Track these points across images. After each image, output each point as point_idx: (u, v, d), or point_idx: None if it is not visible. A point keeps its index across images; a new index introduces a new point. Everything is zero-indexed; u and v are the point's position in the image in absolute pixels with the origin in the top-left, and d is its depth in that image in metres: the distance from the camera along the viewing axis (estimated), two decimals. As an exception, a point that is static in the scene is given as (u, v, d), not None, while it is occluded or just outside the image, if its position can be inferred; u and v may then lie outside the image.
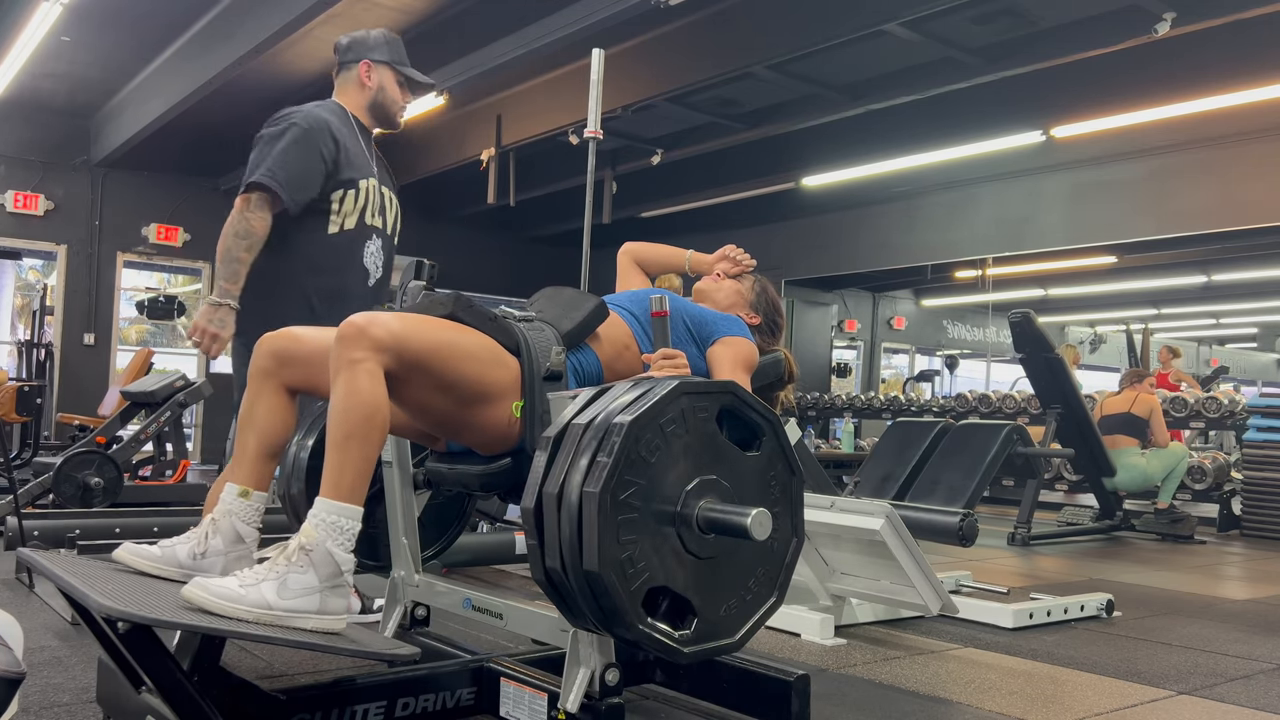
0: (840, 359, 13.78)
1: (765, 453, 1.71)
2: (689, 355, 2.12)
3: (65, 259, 9.44)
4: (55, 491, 4.91)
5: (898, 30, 6.00)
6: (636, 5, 5.27)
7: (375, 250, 2.86)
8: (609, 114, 6.31)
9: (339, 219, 2.76)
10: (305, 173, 2.67)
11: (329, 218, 2.75)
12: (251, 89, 7.92)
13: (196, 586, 1.55)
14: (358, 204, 2.78)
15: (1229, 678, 2.83)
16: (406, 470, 2.21)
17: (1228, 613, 3.90)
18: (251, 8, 6.35)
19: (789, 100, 7.61)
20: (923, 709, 2.43)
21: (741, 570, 1.66)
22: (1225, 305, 15.50)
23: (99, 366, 9.53)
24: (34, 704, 2.14)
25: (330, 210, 2.75)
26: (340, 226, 2.76)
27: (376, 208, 2.84)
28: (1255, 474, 6.73)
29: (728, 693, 2.06)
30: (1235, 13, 5.40)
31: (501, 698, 1.92)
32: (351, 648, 1.58)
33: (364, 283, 2.83)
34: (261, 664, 2.56)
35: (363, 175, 2.80)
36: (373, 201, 2.82)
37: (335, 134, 2.74)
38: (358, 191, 2.77)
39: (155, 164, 9.47)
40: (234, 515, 1.84)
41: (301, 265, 2.73)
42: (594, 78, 3.65)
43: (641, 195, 10.03)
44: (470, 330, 1.88)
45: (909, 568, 2.97)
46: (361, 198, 2.79)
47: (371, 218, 2.83)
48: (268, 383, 1.92)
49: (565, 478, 1.55)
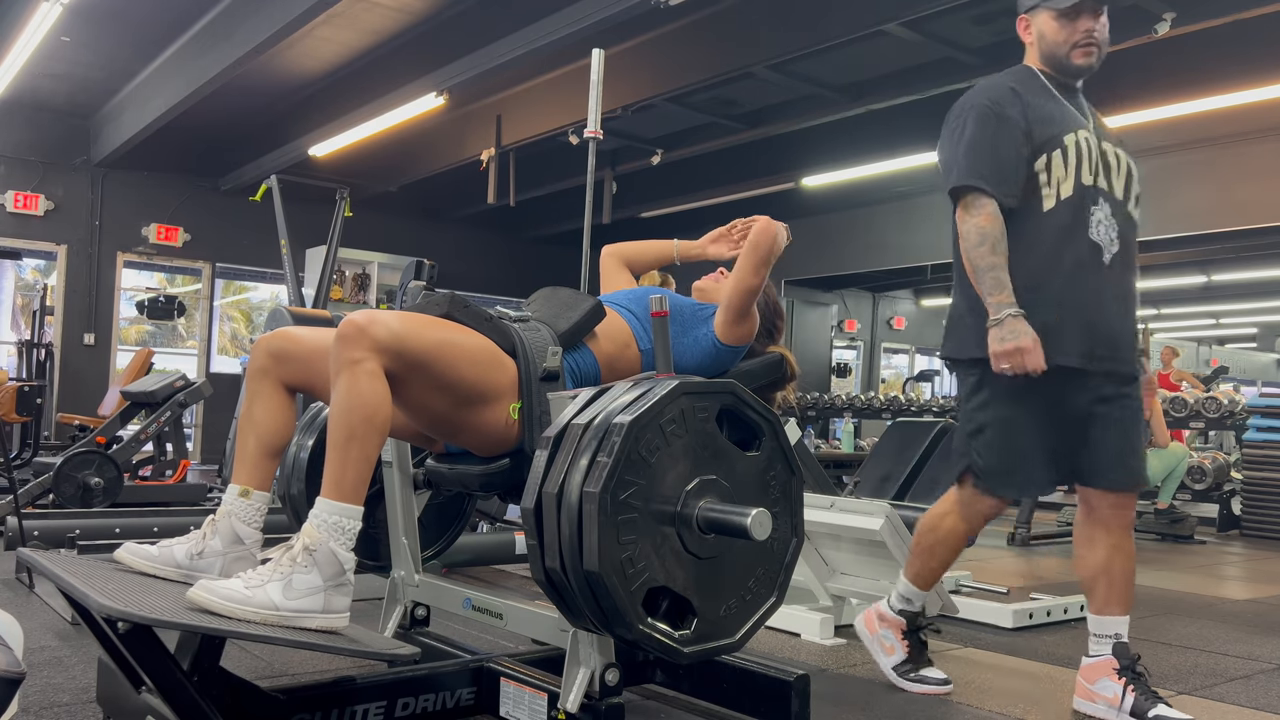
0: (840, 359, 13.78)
1: (765, 453, 1.71)
2: (683, 346, 2.12)
3: (65, 259, 9.44)
4: (55, 491, 4.91)
5: (898, 30, 6.00)
6: (636, 5, 5.27)
7: (1104, 218, 2.32)
8: (609, 114, 6.32)
9: (1052, 189, 2.30)
10: (997, 151, 2.28)
11: (1041, 192, 2.30)
12: (251, 89, 7.94)
13: (202, 589, 1.55)
14: (1069, 164, 2.29)
15: (1229, 678, 2.83)
16: (406, 470, 2.22)
17: (1228, 613, 3.90)
18: (251, 8, 6.35)
19: (789, 100, 7.61)
20: (923, 709, 2.43)
21: (741, 570, 1.66)
22: (1225, 305, 15.51)
23: (99, 366, 9.53)
24: (34, 704, 2.14)
25: (1040, 183, 2.30)
26: (1056, 198, 2.30)
27: (1097, 166, 2.33)
28: (1255, 474, 6.73)
29: (728, 693, 2.06)
30: (1235, 13, 5.40)
31: (501, 698, 1.92)
32: (352, 648, 1.58)
33: (1096, 259, 2.30)
34: (261, 664, 2.56)
35: (1067, 130, 2.31)
36: (1089, 159, 2.31)
37: (1020, 95, 2.31)
38: (1064, 150, 2.30)
39: (155, 164, 9.48)
40: (233, 515, 1.84)
41: (1023, 257, 2.29)
42: (594, 78, 3.65)
43: (641, 195, 10.04)
44: (469, 331, 1.88)
45: (909, 568, 2.96)
46: (1073, 155, 2.30)
47: (1091, 177, 2.31)
48: (266, 381, 1.93)
49: (565, 478, 1.55)
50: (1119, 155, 2.38)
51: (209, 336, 10.36)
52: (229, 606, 1.53)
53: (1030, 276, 2.27)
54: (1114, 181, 2.35)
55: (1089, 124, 2.37)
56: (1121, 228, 2.34)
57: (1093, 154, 2.32)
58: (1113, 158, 2.36)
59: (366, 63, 7.58)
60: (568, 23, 5.69)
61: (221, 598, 1.53)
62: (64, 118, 9.24)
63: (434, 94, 6.99)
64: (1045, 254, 2.28)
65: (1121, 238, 2.33)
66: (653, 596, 1.57)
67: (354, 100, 7.73)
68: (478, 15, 6.52)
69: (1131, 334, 2.37)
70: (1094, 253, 2.30)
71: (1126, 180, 2.38)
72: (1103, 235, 2.30)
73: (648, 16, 5.65)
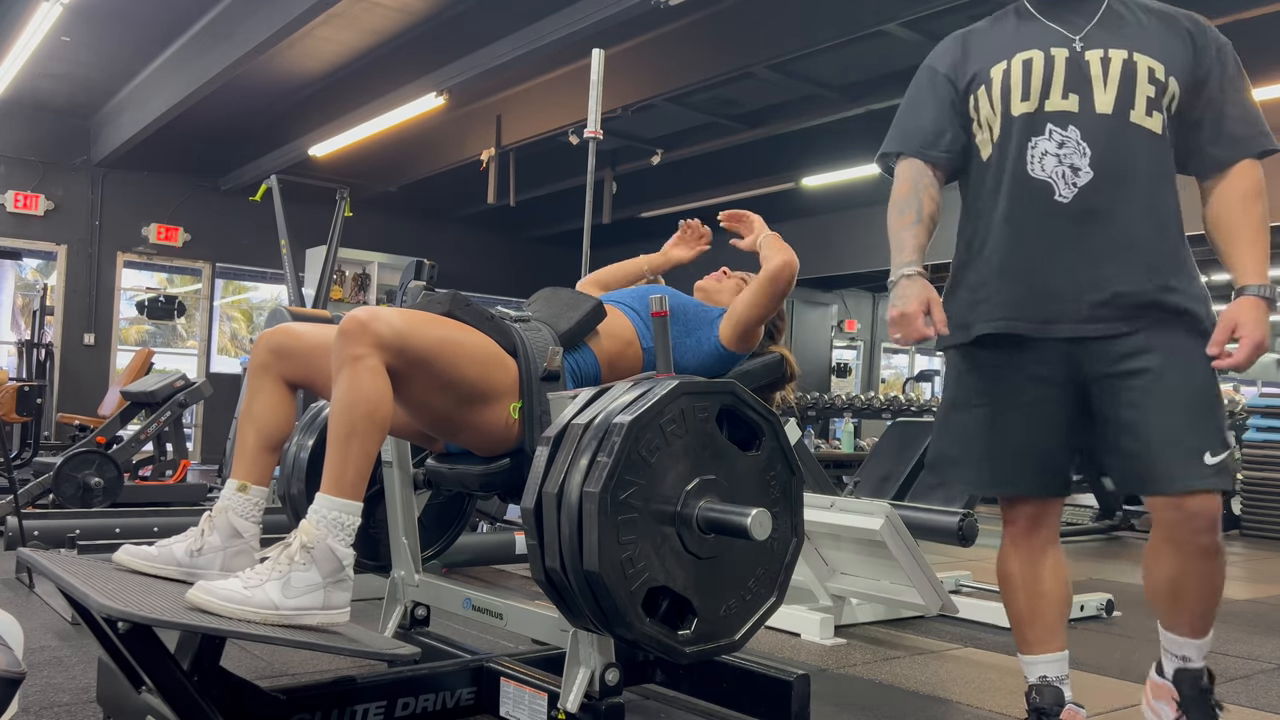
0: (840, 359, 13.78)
1: (765, 453, 1.71)
2: (685, 347, 2.13)
3: (65, 259, 9.44)
4: (55, 491, 4.91)
5: (898, 30, 6.00)
6: (636, 5, 5.27)
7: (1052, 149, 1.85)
8: (609, 114, 6.31)
9: (985, 133, 1.93)
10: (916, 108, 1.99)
11: (976, 140, 1.95)
12: (251, 89, 7.93)
13: (201, 590, 1.55)
14: (995, 99, 1.89)
15: (1229, 678, 2.83)
16: (406, 470, 2.22)
17: (1228, 613, 3.90)
18: (251, 8, 6.35)
19: (789, 100, 7.61)
20: (923, 709, 2.43)
21: (741, 570, 1.66)
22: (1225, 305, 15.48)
23: (99, 366, 9.53)
24: (34, 704, 2.14)
25: (974, 130, 1.95)
26: (991, 142, 1.91)
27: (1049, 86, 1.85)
28: (1255, 474, 6.73)
29: (728, 693, 2.06)
30: (1235, 13, 5.40)
31: (501, 698, 1.92)
32: (352, 647, 1.58)
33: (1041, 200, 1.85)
34: (261, 664, 2.56)
35: (1000, 58, 1.90)
36: (1033, 81, 1.86)
37: (965, 38, 1.99)
38: (989, 84, 1.90)
39: (155, 164, 9.47)
40: (230, 510, 1.84)
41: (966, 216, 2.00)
42: (594, 78, 3.65)
43: (641, 195, 10.03)
44: (470, 329, 1.88)
45: (909, 568, 2.97)
46: (998, 87, 1.88)
47: (1032, 103, 1.86)
48: (266, 376, 1.93)
49: (565, 478, 1.55)
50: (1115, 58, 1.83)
51: (209, 336, 10.36)
52: (228, 607, 1.53)
53: (969, 236, 1.97)
54: (1094, 94, 1.83)
55: (1077, 35, 1.86)
56: (1107, 148, 1.82)
57: (1042, 74, 1.85)
58: (1098, 66, 1.83)
59: (366, 63, 7.58)
60: (568, 23, 5.69)
61: (221, 598, 1.53)
62: (64, 118, 9.24)
63: (434, 94, 6.99)
64: (981, 207, 1.94)
65: (1102, 162, 1.81)
66: (653, 596, 1.57)
67: (354, 100, 7.74)
68: (478, 15, 6.52)
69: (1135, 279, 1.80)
70: (1038, 193, 1.84)
71: (1123, 84, 1.82)
72: (1051, 169, 1.84)
73: (648, 16, 5.65)
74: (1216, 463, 1.74)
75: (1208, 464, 1.73)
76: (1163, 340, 1.79)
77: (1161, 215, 1.85)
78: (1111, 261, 1.81)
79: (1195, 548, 1.78)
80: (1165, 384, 1.76)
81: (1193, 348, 1.80)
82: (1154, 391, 1.76)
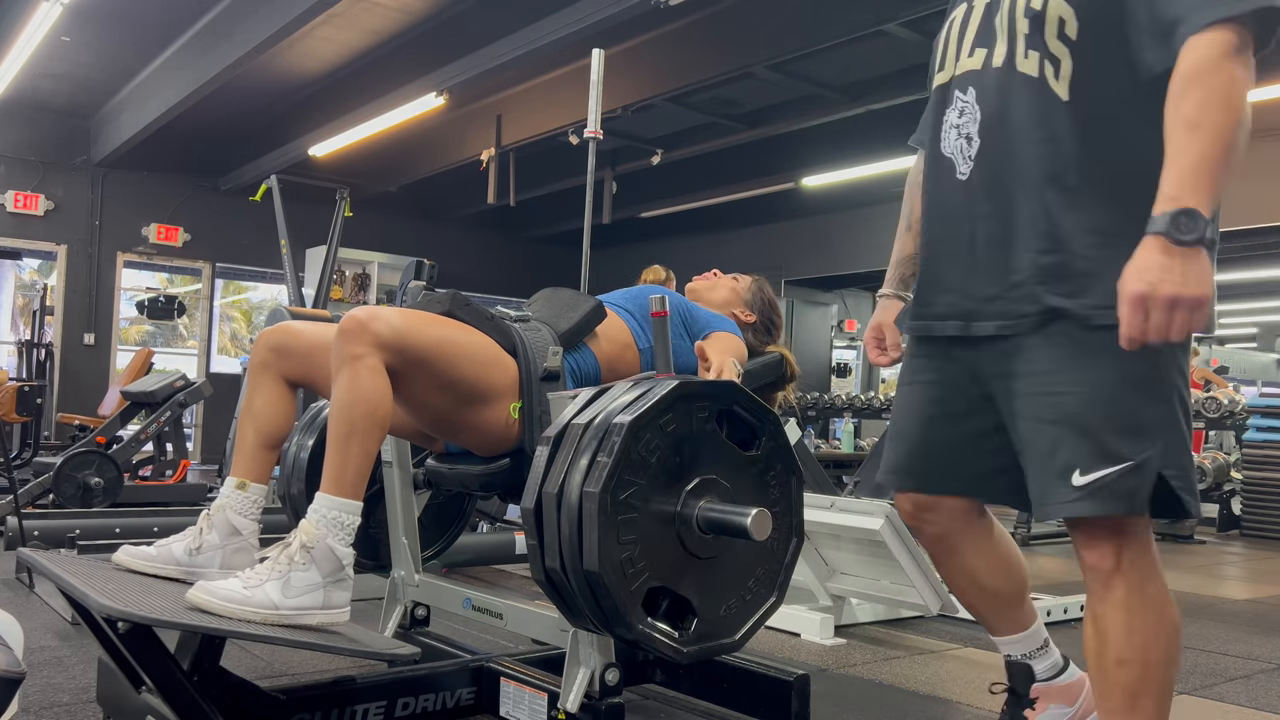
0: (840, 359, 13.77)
1: (765, 453, 1.71)
2: (682, 350, 2.12)
3: (65, 259, 9.44)
4: (55, 491, 4.91)
5: (898, 30, 6.00)
6: (636, 5, 5.28)
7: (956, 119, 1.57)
8: (609, 114, 6.31)
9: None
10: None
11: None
12: (251, 89, 7.93)
13: (201, 590, 1.55)
14: (931, 73, 1.66)
15: (1229, 678, 2.83)
16: (406, 470, 2.22)
17: (1228, 613, 3.90)
18: (251, 8, 6.35)
19: (789, 100, 7.61)
20: (923, 709, 2.43)
21: (741, 570, 1.66)
22: (1225, 305, 15.50)
23: (99, 366, 9.53)
24: (34, 704, 2.14)
25: None
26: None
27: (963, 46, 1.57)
28: (1255, 474, 6.73)
29: (728, 693, 2.06)
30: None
31: (501, 698, 1.92)
32: (352, 647, 1.58)
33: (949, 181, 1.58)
34: (261, 664, 2.56)
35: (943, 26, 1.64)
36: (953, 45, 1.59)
37: None
38: (932, 58, 1.66)
39: (155, 164, 9.48)
40: (229, 508, 1.84)
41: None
42: (594, 78, 3.65)
43: (641, 195, 10.03)
44: (470, 329, 1.88)
45: (909, 568, 2.97)
46: (936, 57, 1.64)
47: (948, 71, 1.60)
48: (266, 375, 1.93)
49: (565, 478, 1.55)
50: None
51: (209, 336, 10.36)
52: (228, 607, 1.53)
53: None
54: (996, 44, 1.51)
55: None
56: (993, 109, 1.51)
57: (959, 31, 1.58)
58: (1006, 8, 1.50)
59: (366, 63, 7.58)
60: (568, 23, 5.69)
61: (221, 598, 1.53)
62: (64, 118, 9.24)
63: (434, 94, 7.00)
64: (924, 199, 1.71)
65: (988, 127, 1.51)
66: (653, 596, 1.57)
67: (354, 100, 7.74)
68: (478, 15, 6.52)
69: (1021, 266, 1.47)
70: (946, 173, 1.59)
71: (1011, 24, 1.48)
72: (953, 144, 1.57)
73: (648, 16, 5.65)
74: (1087, 483, 1.40)
75: (1074, 484, 1.41)
76: (1053, 335, 1.45)
77: (1064, 180, 1.45)
78: (1000, 246, 1.50)
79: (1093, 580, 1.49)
80: (1046, 387, 1.45)
81: (1089, 340, 1.42)
82: (1029, 398, 1.47)
